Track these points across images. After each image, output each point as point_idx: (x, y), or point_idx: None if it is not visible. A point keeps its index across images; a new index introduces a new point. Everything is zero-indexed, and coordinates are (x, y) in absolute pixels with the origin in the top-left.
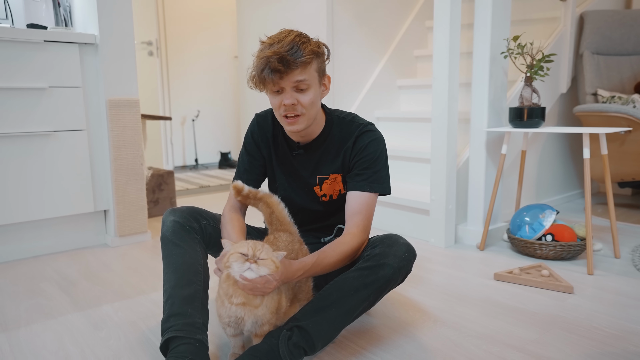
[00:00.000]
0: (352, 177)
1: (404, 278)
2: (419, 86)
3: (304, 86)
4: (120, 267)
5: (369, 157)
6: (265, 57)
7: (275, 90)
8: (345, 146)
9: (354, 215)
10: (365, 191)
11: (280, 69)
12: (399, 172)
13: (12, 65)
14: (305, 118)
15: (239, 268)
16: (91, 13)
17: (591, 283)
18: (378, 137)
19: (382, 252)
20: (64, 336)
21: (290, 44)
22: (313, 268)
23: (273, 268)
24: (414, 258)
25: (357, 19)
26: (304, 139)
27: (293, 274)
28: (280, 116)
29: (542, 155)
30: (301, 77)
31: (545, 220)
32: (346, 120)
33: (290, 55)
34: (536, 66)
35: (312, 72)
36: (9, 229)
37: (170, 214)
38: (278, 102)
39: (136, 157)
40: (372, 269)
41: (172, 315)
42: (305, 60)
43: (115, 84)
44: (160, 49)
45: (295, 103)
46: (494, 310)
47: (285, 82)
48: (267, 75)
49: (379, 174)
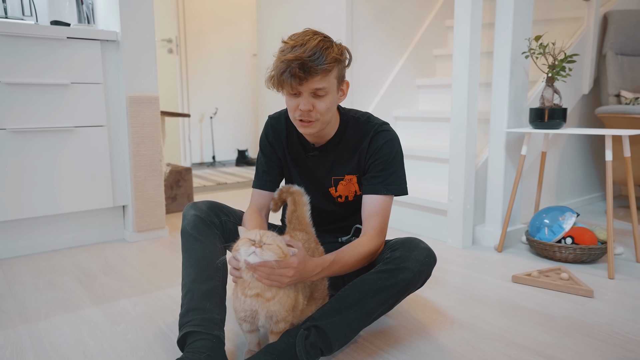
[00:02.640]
0: (368, 179)
1: (423, 283)
2: (438, 86)
3: (322, 93)
4: (138, 262)
5: (384, 158)
6: (287, 61)
7: (293, 93)
8: (360, 147)
9: (371, 218)
10: (382, 194)
11: (300, 75)
12: (417, 171)
13: (36, 61)
14: (319, 123)
15: (244, 252)
16: (113, 10)
17: (612, 287)
18: (393, 137)
19: (403, 255)
20: (83, 329)
21: (313, 50)
22: (332, 266)
23: (279, 253)
24: (434, 263)
25: (377, 18)
26: (319, 140)
27: (312, 270)
28: (294, 118)
29: (563, 157)
30: (320, 85)
31: (565, 223)
32: (361, 121)
33: (312, 62)
34: (558, 66)
35: (332, 79)
36: (30, 222)
37: (192, 208)
38: (294, 105)
39: (155, 153)
40: (392, 272)
41: (190, 309)
42: (327, 69)
43: (135, 81)
44: (179, 47)
45: (311, 109)
46: (512, 312)
47: (304, 87)
48: (287, 79)
49: (395, 175)
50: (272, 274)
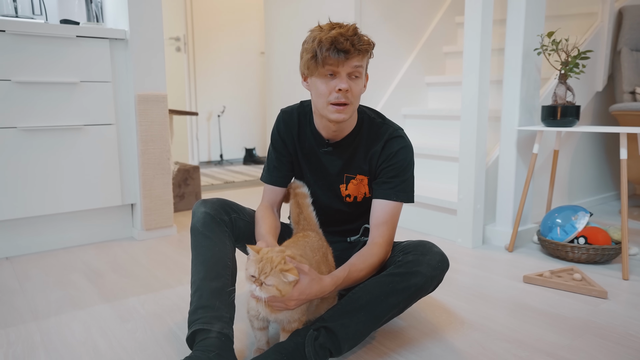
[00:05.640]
0: (379, 184)
1: (435, 288)
2: (448, 83)
3: (358, 73)
4: (146, 261)
5: (398, 165)
6: (332, 37)
7: (330, 75)
8: (373, 149)
9: (380, 225)
10: (392, 200)
11: (348, 49)
12: (426, 170)
13: (45, 60)
14: (351, 108)
15: (249, 286)
16: (122, 9)
17: (626, 288)
18: (407, 144)
19: (415, 259)
20: (92, 327)
21: (353, 30)
22: (345, 282)
23: (277, 295)
24: (447, 268)
25: (385, 15)
26: (335, 135)
27: (324, 289)
28: (326, 103)
29: (576, 155)
30: (359, 63)
31: (577, 223)
32: (376, 122)
33: (357, 40)
34: (571, 63)
35: (365, 63)
36: (40, 220)
37: (202, 205)
38: (331, 87)
39: (163, 151)
40: (404, 275)
41: (200, 307)
42: (367, 49)
43: (144, 79)
44: (187, 45)
45: (348, 89)
46: (524, 313)
47: (346, 66)
48: (333, 54)
49: (406, 182)
50: (275, 301)
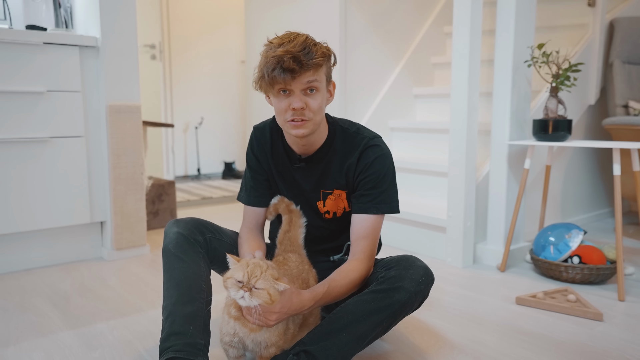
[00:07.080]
0: (358, 197)
1: (420, 304)
2: (436, 95)
3: (314, 87)
4: (116, 283)
5: (374, 176)
6: (277, 56)
7: (283, 93)
8: (348, 161)
9: (360, 240)
10: (372, 213)
11: (294, 69)
12: (414, 186)
13: (9, 67)
14: (311, 123)
15: (234, 294)
16: (93, 15)
17: (622, 310)
18: (384, 152)
19: (398, 274)
20: (55, 356)
21: (302, 45)
22: (324, 298)
23: (267, 300)
24: (432, 282)
25: (372, 23)
26: (306, 149)
27: (301, 305)
28: (285, 121)
29: (568, 171)
30: (312, 78)
31: (571, 241)
32: (350, 132)
33: (304, 56)
34: (562, 76)
35: (322, 75)
36: (0, 239)
37: (174, 225)
38: (285, 105)
39: (136, 165)
40: (387, 292)
41: (172, 334)
42: (318, 62)
43: (116, 89)
44: (163, 53)
45: (304, 107)
46: (516, 337)
47: (296, 83)
48: (279, 74)
49: (386, 193)
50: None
